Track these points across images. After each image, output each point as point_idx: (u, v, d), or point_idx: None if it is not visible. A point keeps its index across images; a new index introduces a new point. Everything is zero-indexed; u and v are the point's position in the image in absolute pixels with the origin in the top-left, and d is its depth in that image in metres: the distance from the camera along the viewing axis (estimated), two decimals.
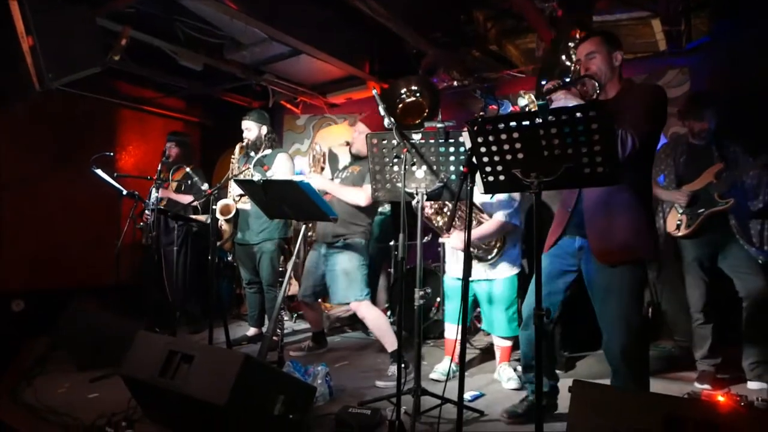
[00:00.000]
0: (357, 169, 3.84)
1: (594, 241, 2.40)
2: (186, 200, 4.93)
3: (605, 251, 2.38)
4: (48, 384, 3.24)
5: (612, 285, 2.38)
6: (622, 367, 2.40)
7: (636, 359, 2.39)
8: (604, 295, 2.42)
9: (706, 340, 3.45)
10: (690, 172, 3.50)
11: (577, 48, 2.56)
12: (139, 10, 4.28)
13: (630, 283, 2.37)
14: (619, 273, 2.37)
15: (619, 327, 2.37)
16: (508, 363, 3.49)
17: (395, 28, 4.68)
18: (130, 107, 6.21)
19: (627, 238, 2.35)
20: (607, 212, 2.39)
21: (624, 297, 2.36)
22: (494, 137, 2.00)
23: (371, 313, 3.68)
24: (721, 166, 3.38)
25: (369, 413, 2.65)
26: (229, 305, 5.95)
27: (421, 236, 2.89)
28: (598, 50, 2.48)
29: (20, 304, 4.84)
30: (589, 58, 2.49)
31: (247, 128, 4.37)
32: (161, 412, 2.55)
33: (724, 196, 3.35)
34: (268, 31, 4.56)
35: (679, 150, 3.60)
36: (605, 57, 2.47)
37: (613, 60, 2.48)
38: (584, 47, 2.52)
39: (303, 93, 6.33)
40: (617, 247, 2.36)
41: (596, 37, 2.53)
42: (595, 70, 2.47)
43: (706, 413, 1.71)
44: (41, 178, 5.24)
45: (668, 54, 4.86)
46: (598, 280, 2.43)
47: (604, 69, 2.47)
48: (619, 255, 2.36)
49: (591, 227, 2.42)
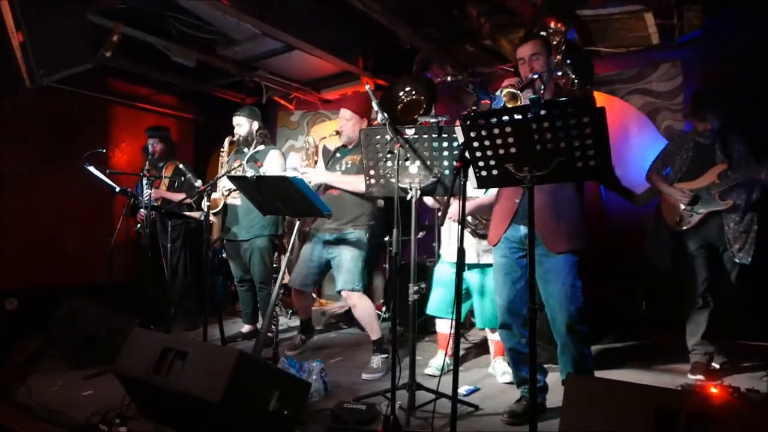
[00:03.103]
0: (356, 159, 3.80)
1: (543, 232, 2.57)
2: (178, 198, 4.91)
3: (553, 242, 2.59)
4: (42, 382, 3.22)
5: (557, 269, 2.60)
6: (567, 341, 2.63)
7: (579, 332, 2.61)
8: (551, 278, 2.62)
9: (700, 326, 3.52)
10: (694, 170, 3.61)
11: (519, 48, 2.71)
12: (131, 6, 4.26)
13: (572, 268, 2.61)
14: (563, 259, 2.60)
15: (563, 305, 2.59)
16: (502, 357, 3.49)
17: (388, 23, 4.66)
18: (123, 104, 6.18)
19: (571, 231, 2.61)
20: (553, 207, 2.58)
21: (569, 279, 2.59)
22: (487, 132, 2.01)
23: (364, 304, 3.73)
24: (724, 166, 3.48)
25: (364, 408, 2.65)
26: (224, 302, 5.94)
27: (415, 232, 2.89)
28: (540, 52, 2.65)
29: (13, 303, 4.81)
30: (533, 59, 2.64)
31: (238, 124, 4.35)
32: (155, 409, 2.55)
33: (725, 197, 3.46)
34: (261, 26, 4.54)
35: (686, 147, 3.69)
36: (546, 59, 2.65)
37: (551, 64, 2.67)
38: (528, 48, 2.67)
39: (296, 89, 6.31)
40: (564, 239, 2.59)
41: (538, 40, 2.72)
42: (540, 69, 2.61)
43: (698, 405, 1.72)
44: (33, 176, 5.22)
45: (661, 47, 4.87)
46: (546, 264, 2.62)
47: (546, 70, 2.63)
48: (565, 245, 2.60)
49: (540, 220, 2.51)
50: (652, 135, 4.91)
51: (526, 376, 2.59)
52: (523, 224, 2.65)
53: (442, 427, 2.60)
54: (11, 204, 5.03)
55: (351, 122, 3.84)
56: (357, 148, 3.82)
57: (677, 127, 4.81)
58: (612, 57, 5.13)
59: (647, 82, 4.98)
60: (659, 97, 4.92)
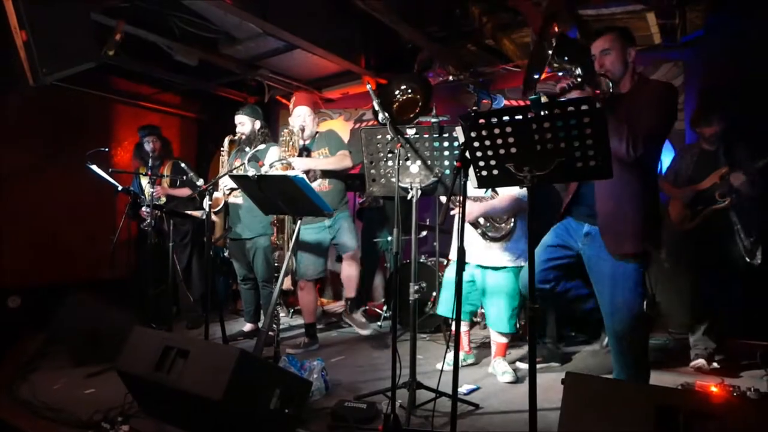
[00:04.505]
0: (325, 150, 4.12)
1: (605, 233, 2.46)
2: (184, 193, 4.93)
3: (616, 244, 2.44)
4: (44, 380, 3.24)
5: (618, 275, 2.45)
6: (622, 353, 2.50)
7: (637, 344, 2.49)
8: (610, 283, 2.48)
9: (702, 323, 3.61)
10: (698, 175, 3.71)
11: (593, 43, 2.56)
12: (134, 5, 4.26)
13: (635, 275, 2.45)
14: (624, 265, 2.44)
15: (621, 314, 2.45)
16: (503, 357, 3.51)
17: (390, 22, 4.67)
18: (126, 102, 6.20)
19: (637, 233, 2.41)
20: (618, 206, 2.43)
21: (629, 286, 2.44)
22: (487, 132, 2.01)
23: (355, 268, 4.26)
24: (726, 169, 3.58)
25: (365, 407, 2.66)
26: (226, 301, 5.95)
27: (416, 231, 2.90)
28: (612, 47, 2.49)
29: (16, 301, 4.83)
30: (603, 55, 2.51)
31: (241, 123, 4.36)
32: (157, 407, 2.56)
33: (724, 196, 3.55)
34: (263, 26, 4.55)
35: (691, 153, 3.82)
36: (619, 53, 2.49)
37: (627, 56, 2.50)
38: (599, 43, 2.53)
39: (298, 88, 6.31)
40: (629, 241, 2.42)
41: (611, 34, 2.53)
42: (609, 66, 2.49)
43: (698, 404, 1.72)
44: (37, 174, 5.23)
45: (663, 47, 4.87)
46: (605, 269, 2.50)
47: (618, 65, 2.50)
48: (630, 248, 2.42)
49: (602, 219, 2.47)
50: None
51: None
52: (588, 222, 2.55)
53: (443, 425, 2.60)
54: (14, 202, 5.05)
55: (311, 117, 4.15)
56: (321, 141, 4.15)
57: (678, 126, 4.80)
58: None
59: None
60: None
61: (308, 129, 4.12)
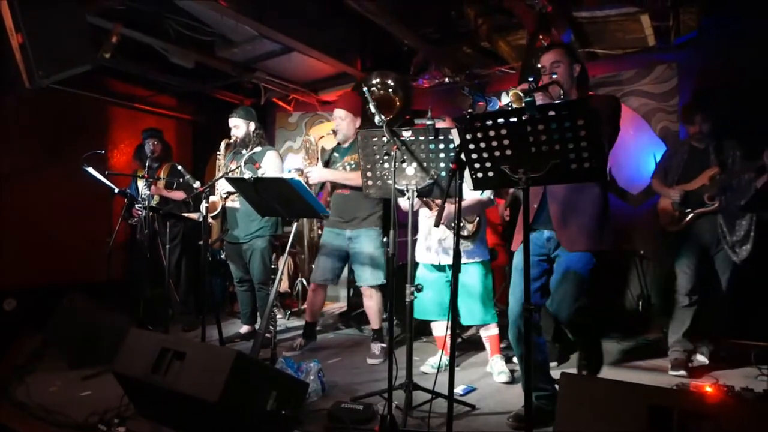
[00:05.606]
0: (356, 157, 3.88)
1: (562, 233, 2.59)
2: (177, 196, 4.93)
3: (572, 241, 2.58)
4: (40, 382, 3.24)
5: (570, 266, 2.59)
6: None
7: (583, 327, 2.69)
8: (563, 271, 2.62)
9: (683, 325, 3.63)
10: (688, 173, 3.71)
11: (542, 56, 2.73)
12: (130, 8, 4.26)
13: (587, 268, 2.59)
14: (577, 257, 2.59)
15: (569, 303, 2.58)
16: (499, 356, 3.51)
17: (386, 24, 4.68)
18: (122, 105, 6.19)
19: (590, 231, 2.58)
20: (572, 209, 2.58)
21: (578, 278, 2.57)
22: (482, 134, 2.03)
23: (378, 298, 3.99)
24: (716, 170, 3.59)
25: (361, 408, 2.67)
26: (222, 303, 5.95)
27: (412, 232, 2.91)
28: (562, 60, 2.67)
29: (12, 303, 4.81)
30: (555, 66, 2.67)
31: (235, 125, 4.35)
32: (154, 409, 2.56)
33: (713, 199, 3.56)
34: (259, 28, 4.55)
35: (682, 151, 3.82)
36: (567, 67, 2.66)
37: (573, 71, 2.68)
38: (549, 56, 2.70)
39: (295, 90, 6.33)
40: (584, 237, 2.57)
41: (560, 48, 2.75)
42: (560, 77, 2.62)
43: (692, 403, 1.73)
44: (32, 176, 5.22)
45: (657, 49, 4.90)
46: (562, 263, 2.64)
47: (566, 78, 2.65)
48: (584, 244, 2.57)
49: (559, 222, 2.60)
50: (647, 136, 4.95)
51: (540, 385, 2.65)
52: (547, 228, 2.67)
53: (439, 426, 2.61)
54: (10, 204, 5.03)
55: (346, 121, 3.97)
56: (353, 147, 3.90)
57: (672, 128, 4.85)
58: (608, 59, 5.16)
59: (643, 84, 5.02)
60: (655, 99, 4.96)
61: (341, 133, 3.99)
